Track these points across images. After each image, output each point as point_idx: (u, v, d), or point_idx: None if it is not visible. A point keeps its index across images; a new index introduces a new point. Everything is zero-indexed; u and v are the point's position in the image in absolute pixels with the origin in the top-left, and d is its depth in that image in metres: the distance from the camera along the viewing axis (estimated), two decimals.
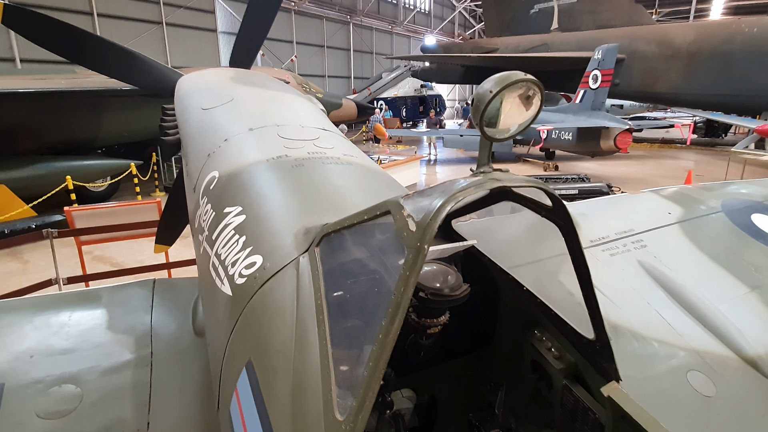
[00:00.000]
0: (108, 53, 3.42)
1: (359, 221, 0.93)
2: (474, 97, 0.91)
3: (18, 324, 1.74)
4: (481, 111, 0.89)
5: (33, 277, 6.28)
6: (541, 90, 0.93)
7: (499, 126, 0.93)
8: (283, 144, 1.71)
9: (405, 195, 0.83)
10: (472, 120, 0.94)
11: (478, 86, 0.93)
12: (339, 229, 0.99)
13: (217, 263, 1.32)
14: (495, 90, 0.88)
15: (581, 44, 19.44)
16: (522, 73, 0.90)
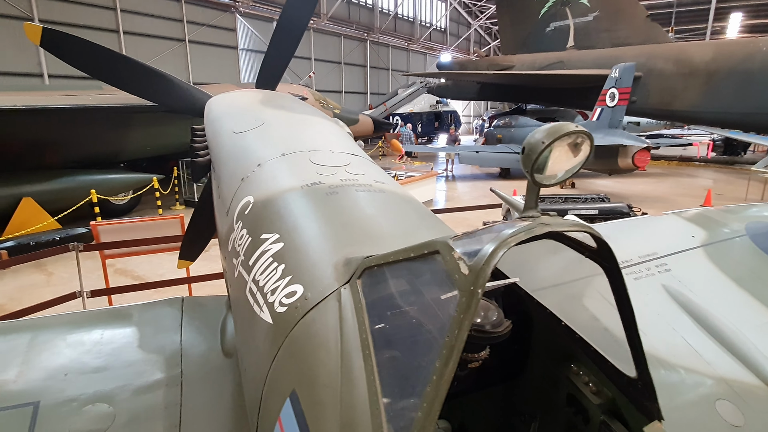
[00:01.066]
0: (140, 75, 3.53)
1: (405, 258, 0.94)
2: (525, 146, 0.95)
3: (52, 341, 1.77)
4: (532, 160, 0.92)
5: (57, 289, 6.42)
6: (591, 139, 0.96)
7: (546, 172, 0.95)
8: (316, 170, 1.75)
9: (453, 236, 0.85)
10: (522, 165, 0.97)
11: (530, 135, 0.96)
12: (382, 264, 1.01)
13: (255, 290, 1.34)
14: (547, 141, 0.91)
15: (598, 62, 19.42)
16: (573, 125, 0.93)
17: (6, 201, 7.74)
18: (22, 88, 11.11)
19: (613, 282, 1.04)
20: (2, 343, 1.77)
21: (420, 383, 0.75)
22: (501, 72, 21.73)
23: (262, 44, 24.05)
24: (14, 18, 15.01)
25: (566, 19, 22.02)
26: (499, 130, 19.19)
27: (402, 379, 0.84)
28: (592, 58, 19.87)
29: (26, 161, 8.54)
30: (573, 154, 0.96)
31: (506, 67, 23.46)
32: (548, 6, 22.61)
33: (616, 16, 20.21)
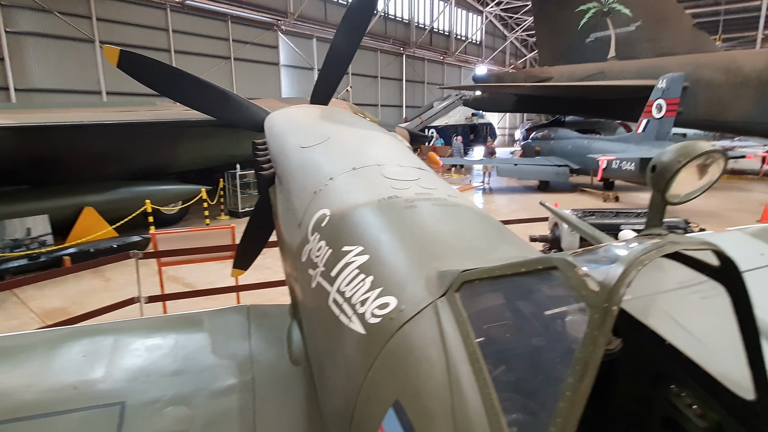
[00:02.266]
0: (205, 93, 3.73)
1: (513, 273, 0.95)
2: (656, 164, 0.96)
3: (133, 344, 1.85)
4: (666, 179, 0.93)
5: (114, 294, 6.77)
6: (725, 158, 0.97)
7: (673, 191, 0.96)
8: (390, 184, 1.79)
9: (572, 252, 0.87)
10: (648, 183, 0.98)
11: (660, 154, 0.97)
12: (485, 278, 1.03)
13: (340, 300, 1.39)
14: (683, 161, 0.92)
15: (641, 72, 18.91)
16: (708, 144, 0.95)
17: (70, 210, 8.26)
18: (84, 105, 11.89)
19: (737, 301, 1.01)
20: (89, 344, 1.85)
21: (548, 399, 0.75)
22: (540, 84, 21.47)
23: (303, 60, 24.78)
24: (78, 40, 16.13)
25: (607, 29, 21.57)
26: (537, 143, 18.89)
27: (522, 394, 0.84)
28: (635, 68, 19.35)
29: (88, 173, 9.11)
30: (702, 173, 0.97)
31: (544, 79, 23.16)
32: (588, 17, 22.24)
33: (660, 25, 19.63)
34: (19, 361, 1.74)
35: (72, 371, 1.71)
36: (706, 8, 31.32)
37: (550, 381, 0.76)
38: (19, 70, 14.85)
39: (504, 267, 0.97)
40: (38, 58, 15.32)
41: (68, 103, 13.59)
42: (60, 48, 15.77)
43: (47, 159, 8.37)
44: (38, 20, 15.21)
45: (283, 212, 2.43)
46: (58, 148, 8.36)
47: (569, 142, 16.73)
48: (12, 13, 14.61)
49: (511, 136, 47.64)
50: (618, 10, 20.67)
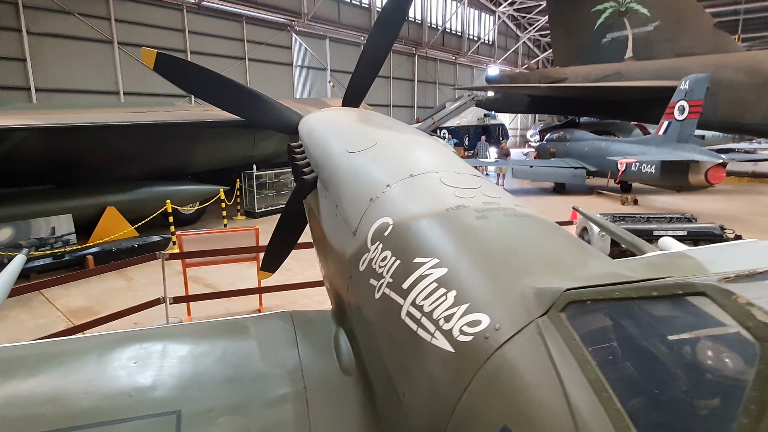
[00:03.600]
0: (240, 95, 3.72)
1: (641, 296, 0.88)
2: None
3: (182, 351, 1.81)
4: None
5: (138, 294, 6.80)
6: None
7: None
8: (453, 192, 1.74)
9: (722, 278, 0.79)
10: None
11: None
12: (602, 299, 0.97)
13: (417, 314, 1.33)
14: None
15: (659, 73, 18.66)
16: None
17: (93, 210, 8.33)
18: (104, 106, 12.01)
19: None
20: (139, 350, 1.82)
21: None
22: (556, 85, 21.25)
23: (316, 61, 24.83)
24: (96, 41, 16.31)
25: (624, 29, 21.31)
26: (552, 144, 18.72)
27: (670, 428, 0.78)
28: (653, 69, 19.07)
29: (109, 173, 9.18)
30: None
31: (559, 80, 22.94)
32: (605, 17, 21.99)
33: (680, 25, 19.33)
34: (73, 366, 1.72)
35: (125, 378, 1.68)
36: (725, 7, 30.83)
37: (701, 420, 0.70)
38: (40, 71, 15.06)
39: (628, 289, 0.91)
40: (58, 59, 15.53)
41: (88, 103, 13.75)
42: (79, 49, 15.97)
43: (71, 159, 8.45)
44: (59, 22, 15.41)
45: (329, 218, 2.39)
46: (82, 148, 8.44)
47: (586, 143, 16.54)
48: (34, 14, 14.81)
49: (523, 137, 47.34)
50: (636, 10, 20.40)
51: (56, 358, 1.75)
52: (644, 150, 12.83)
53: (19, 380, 1.58)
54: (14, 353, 1.76)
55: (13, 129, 7.08)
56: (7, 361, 1.71)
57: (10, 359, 1.72)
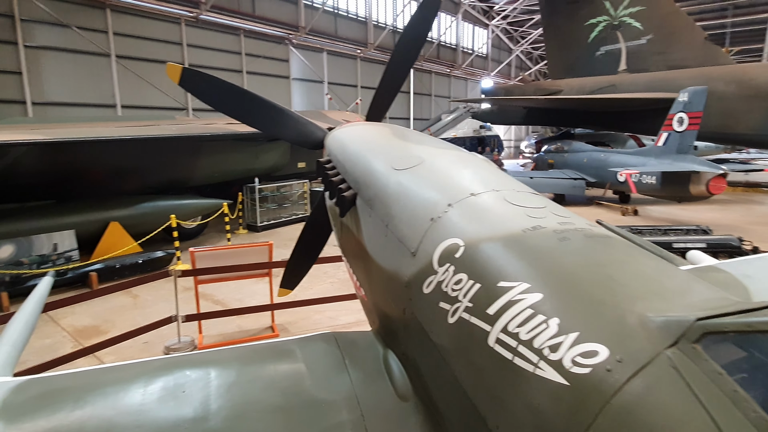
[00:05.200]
0: (264, 111, 3.69)
1: None
2: None
3: (231, 377, 1.74)
4: None
5: (145, 312, 6.65)
6: None
7: None
8: (524, 212, 1.68)
9: None
10: None
11: None
12: (749, 331, 0.92)
13: (512, 342, 1.27)
14: None
15: (652, 85, 19.00)
16: None
17: (96, 225, 8.18)
18: (103, 119, 11.89)
19: None
20: (185, 377, 1.74)
21: None
22: (553, 97, 21.49)
23: (313, 74, 24.92)
24: (94, 54, 16.22)
25: (617, 42, 21.68)
26: (550, 155, 18.89)
27: None
28: (646, 81, 19.39)
29: (111, 187, 9.04)
30: None
31: (553, 92, 23.21)
32: (598, 30, 22.38)
33: (672, 38, 19.73)
34: (121, 396, 1.64)
35: (176, 408, 1.61)
36: (712, 21, 31.57)
37: None
38: (35, 84, 14.91)
39: None
40: (54, 72, 15.39)
41: (87, 117, 13.62)
42: (76, 62, 15.85)
43: (72, 174, 8.31)
44: (55, 35, 15.31)
45: (376, 237, 2.32)
46: (83, 163, 8.31)
47: (584, 155, 16.71)
48: (30, 27, 14.71)
49: (517, 147, 47.80)
50: (628, 24, 20.79)
51: (102, 387, 1.68)
52: (644, 161, 12.97)
53: (67, 412, 1.52)
54: (58, 384, 1.69)
55: (14, 144, 6.95)
56: (52, 392, 1.64)
57: (54, 390, 1.65)
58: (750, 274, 2.60)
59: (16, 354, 2.14)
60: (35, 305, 2.48)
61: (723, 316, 0.99)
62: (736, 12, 31.19)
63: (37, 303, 2.52)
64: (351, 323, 6.20)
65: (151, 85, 17.69)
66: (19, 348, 2.19)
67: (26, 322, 2.35)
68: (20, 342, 2.23)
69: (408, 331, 1.90)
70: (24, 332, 2.30)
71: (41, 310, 2.54)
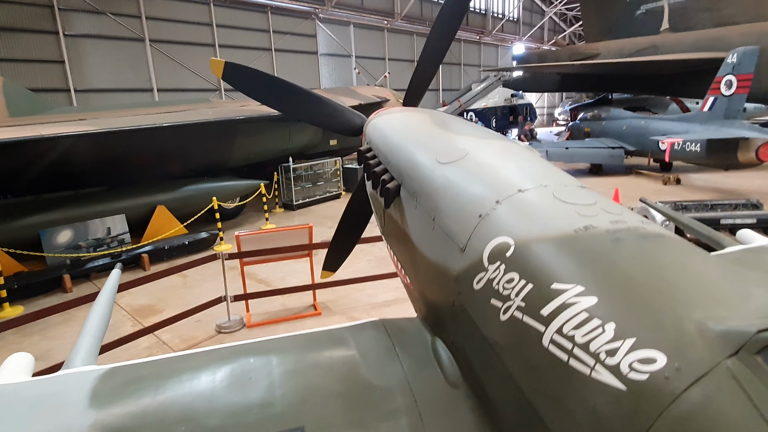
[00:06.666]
0: (304, 101, 3.77)
1: None
2: None
3: (291, 364, 1.83)
4: None
5: (194, 291, 7.04)
6: None
7: None
8: (574, 210, 1.69)
9: None
10: None
11: None
12: None
13: (567, 344, 1.29)
14: None
15: (698, 44, 17.88)
16: None
17: (144, 209, 8.61)
18: (143, 105, 12.28)
19: None
20: (249, 365, 1.84)
21: None
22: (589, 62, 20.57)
23: (340, 48, 24.68)
24: (129, 39, 16.61)
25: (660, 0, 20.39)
26: (587, 123, 18.20)
27: None
28: (692, 40, 18.24)
29: (155, 172, 9.44)
30: None
31: (590, 56, 22.19)
32: None
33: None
34: (195, 384, 1.76)
35: (246, 394, 1.72)
36: None
37: None
38: (77, 72, 15.46)
39: None
40: (94, 59, 15.90)
41: (127, 103, 14.08)
42: (113, 48, 16.29)
43: (121, 161, 8.71)
44: (92, 22, 15.73)
45: (422, 229, 2.37)
46: (131, 150, 8.68)
47: (624, 122, 16.02)
48: (69, 16, 15.15)
49: (550, 115, 46.18)
50: None
51: (178, 375, 1.82)
52: (688, 128, 12.35)
53: (150, 398, 1.65)
54: (139, 372, 1.82)
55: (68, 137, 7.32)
56: (135, 380, 1.78)
57: (136, 378, 1.78)
58: None
59: (98, 344, 2.36)
60: (108, 296, 2.70)
61: None
62: None
63: (110, 294, 2.75)
64: (390, 300, 6.38)
65: (185, 67, 18.03)
66: (99, 338, 2.42)
67: (102, 314, 2.57)
68: (100, 332, 2.46)
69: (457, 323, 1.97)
70: (102, 323, 2.52)
71: (113, 301, 2.76)
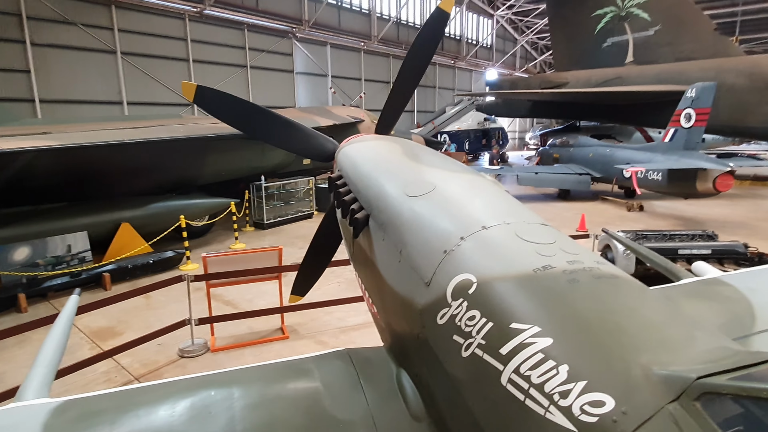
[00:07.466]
0: (276, 127, 3.76)
1: None
2: None
3: (253, 396, 1.80)
4: None
5: (158, 312, 6.80)
6: None
7: None
8: (534, 249, 1.73)
9: None
10: None
11: None
12: (744, 396, 0.98)
13: (523, 384, 1.32)
14: None
15: (660, 77, 18.86)
16: None
17: (108, 226, 8.31)
18: (112, 119, 11.98)
19: None
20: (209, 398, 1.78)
21: None
22: (559, 90, 21.36)
23: (317, 67, 24.84)
24: (100, 51, 16.27)
25: (625, 34, 21.45)
26: (556, 150, 18.80)
27: None
28: (654, 73, 19.23)
29: (121, 188, 9.16)
30: None
31: (559, 84, 23.07)
32: (605, 21, 22.15)
33: (680, 29, 19.50)
34: (152, 418, 1.69)
35: (206, 429, 1.67)
36: (722, 9, 31.08)
37: None
38: (43, 82, 15.00)
39: None
40: (62, 70, 15.47)
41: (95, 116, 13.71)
42: (82, 59, 15.91)
43: (84, 176, 8.42)
44: (62, 32, 15.36)
45: (389, 261, 2.36)
46: (95, 165, 8.41)
47: (590, 149, 16.63)
48: (37, 26, 14.76)
49: (522, 139, 47.52)
50: (636, 15, 20.57)
51: (134, 409, 1.74)
52: (650, 157, 12.91)
53: None
54: (93, 405, 1.74)
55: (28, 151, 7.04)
56: (89, 414, 1.69)
57: (91, 412, 1.70)
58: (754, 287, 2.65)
59: (52, 374, 2.24)
60: (65, 323, 2.57)
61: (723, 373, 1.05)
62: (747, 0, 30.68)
63: (67, 321, 2.61)
64: (359, 324, 6.31)
65: (157, 81, 17.75)
66: (54, 367, 2.29)
67: (58, 342, 2.44)
68: (55, 361, 2.33)
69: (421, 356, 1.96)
70: (57, 352, 2.39)
71: (70, 328, 2.63)
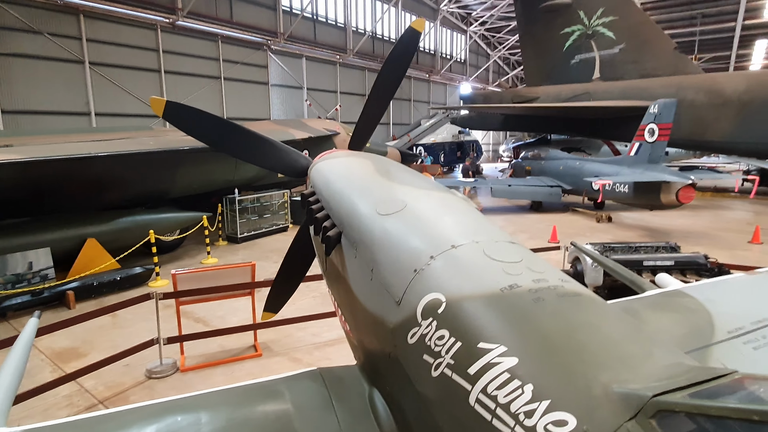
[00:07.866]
0: (250, 143, 3.74)
1: (743, 418, 0.89)
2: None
3: (222, 421, 1.76)
4: None
5: (125, 332, 6.56)
6: None
7: None
8: (501, 268, 1.76)
9: None
10: None
11: None
12: (697, 414, 1.02)
13: (490, 404, 1.34)
14: None
15: (625, 93, 19.63)
16: None
17: (72, 241, 8.01)
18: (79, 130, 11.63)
19: None
20: (179, 424, 1.74)
21: None
22: (530, 105, 21.94)
23: (292, 79, 24.83)
24: (67, 61, 15.84)
25: (591, 51, 22.25)
26: (528, 162, 19.25)
27: None
28: (620, 89, 20.00)
29: (88, 202, 8.87)
30: None
31: (531, 99, 23.71)
32: (573, 39, 22.93)
33: (643, 48, 20.37)
34: None
35: None
36: (682, 29, 32.67)
37: None
38: (6, 92, 14.48)
39: (726, 409, 0.95)
40: (27, 80, 14.97)
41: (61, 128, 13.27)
42: (49, 69, 15.45)
43: (48, 190, 8.12)
44: (27, 41, 14.90)
45: (360, 279, 2.37)
46: (60, 178, 8.12)
47: (560, 162, 17.10)
48: (1, 34, 14.29)
49: (495, 151, 48.50)
50: (602, 33, 21.39)
51: None
52: (617, 170, 13.37)
53: None
54: None
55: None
56: None
57: None
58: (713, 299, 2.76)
59: (9, 402, 2.13)
60: (23, 348, 2.46)
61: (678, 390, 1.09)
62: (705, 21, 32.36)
63: (26, 345, 2.50)
64: (334, 340, 6.24)
65: (127, 92, 17.37)
66: (11, 395, 2.18)
67: (16, 368, 2.33)
68: (12, 388, 2.22)
69: (393, 375, 1.96)
70: (15, 378, 2.28)
71: (29, 352, 2.51)
